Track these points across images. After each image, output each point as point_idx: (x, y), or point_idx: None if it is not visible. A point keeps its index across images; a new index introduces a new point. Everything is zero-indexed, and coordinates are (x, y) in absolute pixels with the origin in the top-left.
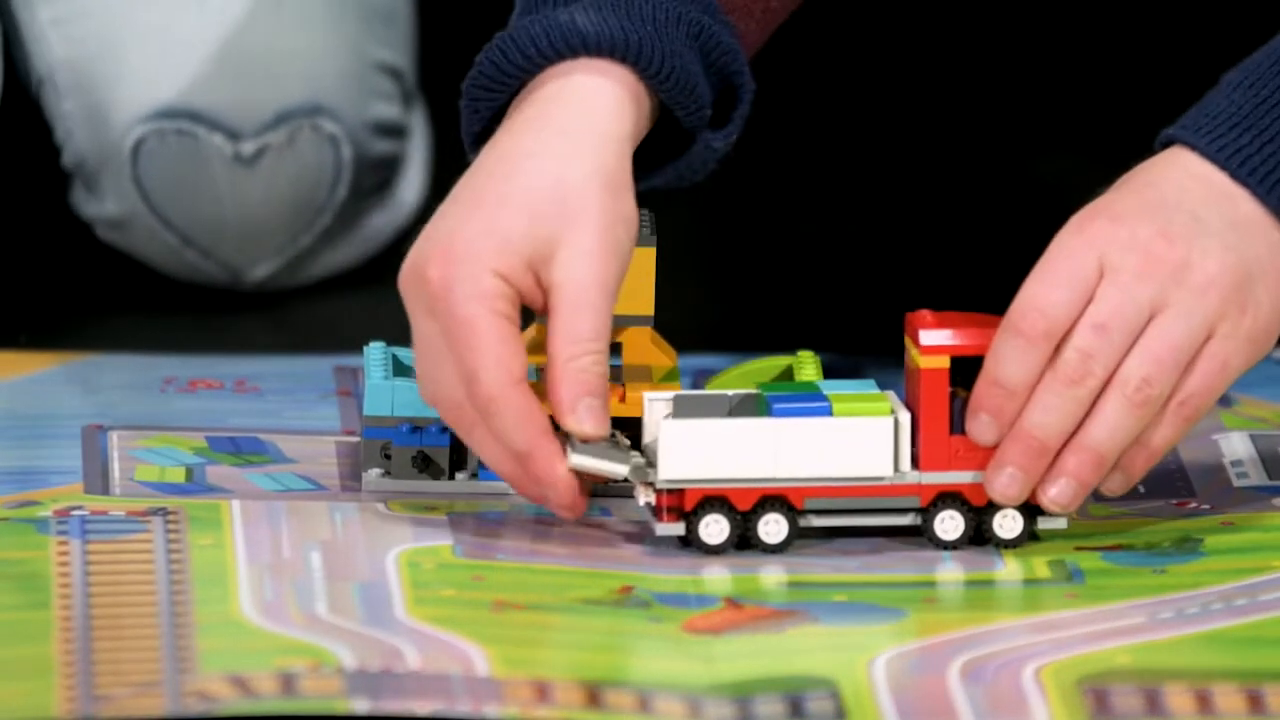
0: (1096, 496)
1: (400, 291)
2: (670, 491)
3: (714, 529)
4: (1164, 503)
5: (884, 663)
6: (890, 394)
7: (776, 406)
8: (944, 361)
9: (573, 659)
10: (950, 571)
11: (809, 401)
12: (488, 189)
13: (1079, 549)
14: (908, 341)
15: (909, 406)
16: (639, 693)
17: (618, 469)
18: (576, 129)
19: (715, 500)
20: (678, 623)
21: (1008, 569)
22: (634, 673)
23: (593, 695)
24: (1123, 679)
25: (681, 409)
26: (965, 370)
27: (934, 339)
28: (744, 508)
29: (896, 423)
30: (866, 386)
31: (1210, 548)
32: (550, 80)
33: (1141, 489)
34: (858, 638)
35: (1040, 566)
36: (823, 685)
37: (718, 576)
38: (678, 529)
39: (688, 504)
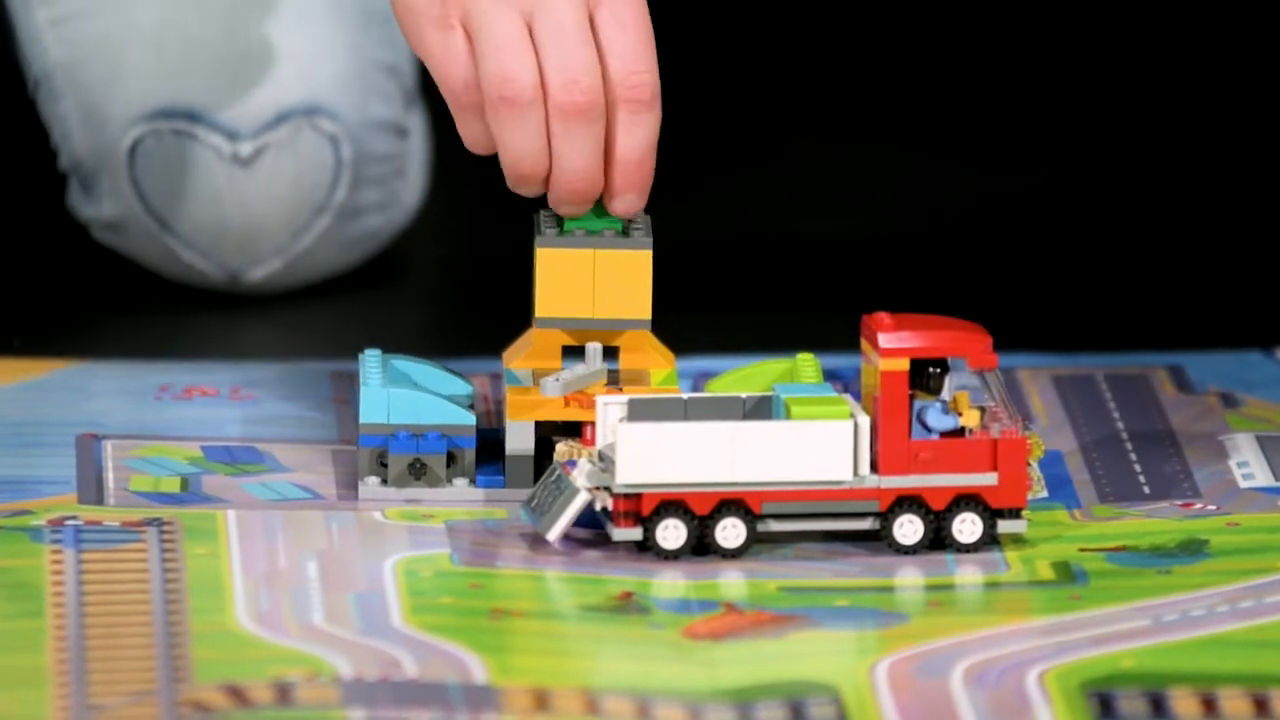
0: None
1: None
2: (627, 496)
3: (672, 533)
4: (1169, 504)
5: (886, 667)
6: (849, 397)
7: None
8: (903, 364)
9: (572, 666)
10: (953, 575)
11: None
12: None
13: (1083, 550)
14: (865, 345)
15: (865, 409)
16: (639, 699)
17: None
18: None
19: (673, 504)
20: (678, 628)
21: (1011, 571)
22: (634, 679)
23: (592, 703)
24: (1127, 683)
25: (637, 412)
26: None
27: (893, 341)
28: (702, 512)
29: (856, 426)
30: (825, 390)
31: (1216, 549)
32: None
33: (1147, 489)
34: (860, 642)
35: (1044, 569)
36: (824, 690)
37: (718, 581)
38: (635, 534)
39: (645, 508)
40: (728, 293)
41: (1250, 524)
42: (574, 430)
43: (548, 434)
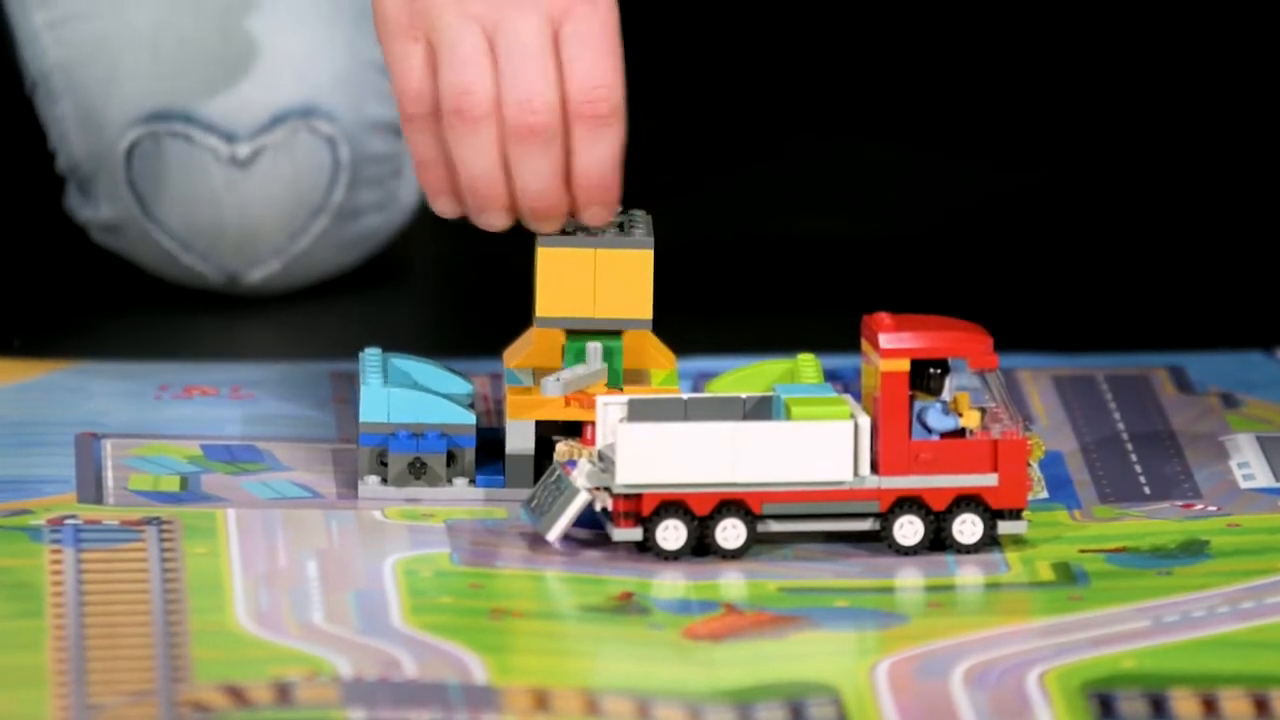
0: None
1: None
2: (627, 497)
3: (672, 534)
4: (1169, 504)
5: (886, 669)
6: (849, 398)
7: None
8: (904, 365)
9: (572, 666)
10: (953, 576)
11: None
12: None
13: (1083, 551)
14: (865, 345)
15: (865, 410)
16: (639, 700)
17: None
18: None
19: (673, 505)
20: (678, 629)
21: (1012, 572)
22: (634, 680)
23: (592, 703)
24: (1128, 684)
25: (637, 413)
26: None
27: (894, 342)
28: (702, 512)
29: (856, 427)
30: (825, 390)
31: (1216, 550)
32: None
33: (1147, 490)
34: (859, 643)
35: (1044, 569)
36: (824, 691)
37: (719, 582)
38: (635, 534)
39: (645, 509)
40: (728, 293)
41: (1251, 525)
42: (574, 430)
43: (548, 434)
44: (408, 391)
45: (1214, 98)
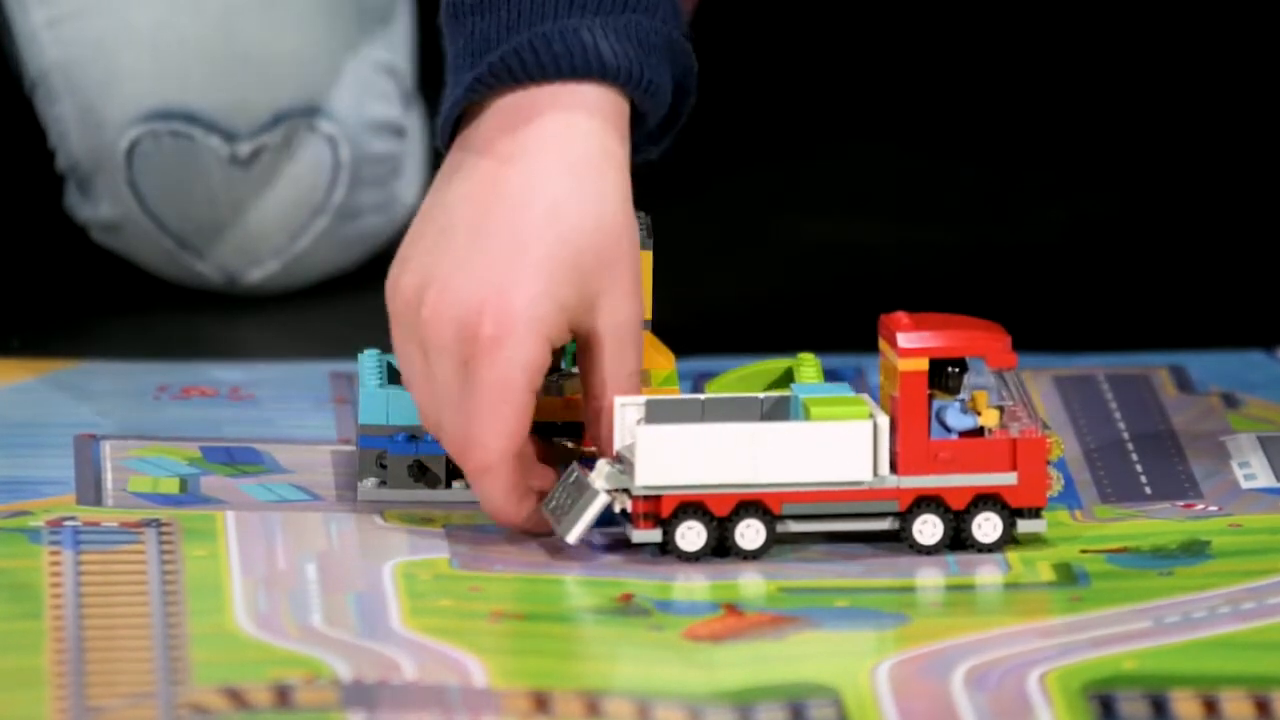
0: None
1: (404, 315)
2: (646, 498)
3: (691, 535)
4: (1171, 504)
5: (887, 669)
6: (867, 397)
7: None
8: (922, 364)
9: (572, 668)
10: (954, 576)
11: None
12: (527, 230)
13: (1084, 552)
14: (883, 344)
15: (884, 409)
16: (639, 701)
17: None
18: (593, 157)
19: (692, 506)
20: (679, 630)
21: (1013, 573)
22: (634, 681)
23: (592, 705)
24: (1129, 685)
25: (655, 414)
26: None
27: (912, 341)
28: (721, 513)
29: (875, 426)
30: (843, 390)
31: (1217, 550)
32: (546, 99)
33: (1149, 490)
34: (860, 644)
35: (1045, 570)
36: (825, 692)
37: (719, 583)
38: (654, 536)
39: (664, 510)
40: (728, 293)
41: (1252, 525)
42: (575, 431)
43: (547, 435)
44: (407, 393)
45: (1214, 98)
